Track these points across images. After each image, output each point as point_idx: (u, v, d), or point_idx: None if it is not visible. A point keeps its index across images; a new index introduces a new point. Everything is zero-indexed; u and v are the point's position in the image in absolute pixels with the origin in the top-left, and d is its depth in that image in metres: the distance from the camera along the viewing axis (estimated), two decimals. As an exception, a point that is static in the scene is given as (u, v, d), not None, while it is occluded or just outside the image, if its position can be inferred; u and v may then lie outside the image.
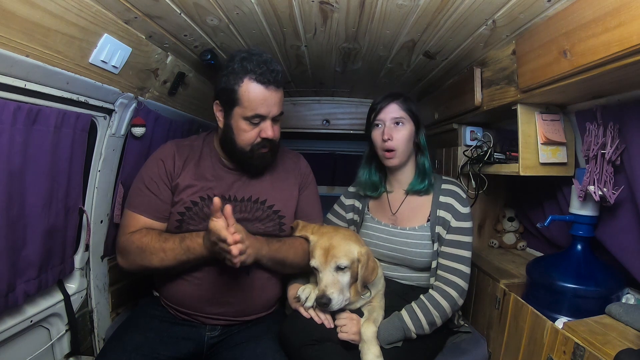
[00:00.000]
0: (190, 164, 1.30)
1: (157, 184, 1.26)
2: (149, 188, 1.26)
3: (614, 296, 1.24)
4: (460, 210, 1.35)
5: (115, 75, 1.28)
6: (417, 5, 1.12)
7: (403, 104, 1.40)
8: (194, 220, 1.25)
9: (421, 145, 1.44)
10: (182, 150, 1.32)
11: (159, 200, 1.26)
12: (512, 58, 1.33)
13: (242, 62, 1.19)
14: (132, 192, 1.29)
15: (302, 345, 1.15)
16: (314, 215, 1.45)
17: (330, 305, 1.18)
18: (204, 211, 1.25)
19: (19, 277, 1.12)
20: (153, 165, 1.29)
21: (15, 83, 0.97)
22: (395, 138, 1.37)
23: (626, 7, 0.82)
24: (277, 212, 1.33)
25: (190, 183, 1.27)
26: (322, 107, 2.64)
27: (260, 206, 1.31)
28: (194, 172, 1.29)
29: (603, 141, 1.23)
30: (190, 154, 1.32)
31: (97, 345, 1.52)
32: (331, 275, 1.21)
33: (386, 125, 1.39)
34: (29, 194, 1.12)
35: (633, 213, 1.21)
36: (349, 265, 1.22)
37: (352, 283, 1.25)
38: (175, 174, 1.28)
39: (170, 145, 1.33)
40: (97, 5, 1.07)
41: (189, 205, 1.25)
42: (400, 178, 1.47)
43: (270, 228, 1.32)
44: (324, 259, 1.22)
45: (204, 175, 1.30)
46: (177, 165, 1.29)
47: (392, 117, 1.39)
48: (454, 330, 1.45)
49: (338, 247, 1.23)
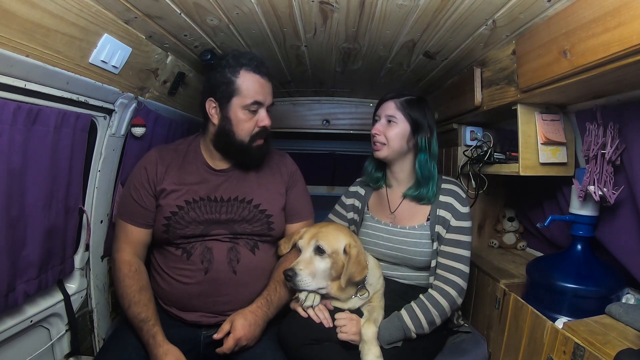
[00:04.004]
0: (174, 169, 1.33)
1: (140, 191, 1.31)
2: (133, 196, 1.31)
3: (614, 296, 1.24)
4: (460, 210, 1.35)
5: (115, 75, 1.28)
6: (417, 5, 1.12)
7: (401, 104, 1.40)
8: (180, 224, 1.27)
9: (419, 146, 1.39)
10: (164, 156, 1.35)
11: (142, 208, 1.31)
12: (512, 58, 1.33)
13: (235, 57, 1.29)
14: (121, 200, 1.37)
15: (301, 345, 1.15)
16: (304, 213, 1.46)
17: (294, 281, 1.20)
18: (189, 215, 1.28)
19: (19, 277, 1.12)
20: (137, 173, 1.34)
21: (15, 83, 0.97)
22: (385, 134, 1.39)
23: (626, 7, 0.82)
24: (263, 211, 1.35)
25: (174, 188, 1.30)
26: (322, 107, 2.64)
27: (247, 205, 1.33)
28: (177, 176, 1.32)
29: (603, 141, 1.23)
30: (174, 159, 1.35)
31: (97, 345, 1.51)
32: (308, 255, 1.24)
33: (379, 122, 1.43)
34: (29, 194, 1.11)
35: (633, 213, 1.21)
36: (329, 251, 1.23)
37: (333, 275, 1.25)
38: (158, 180, 1.31)
39: (154, 152, 1.37)
40: (97, 5, 1.06)
41: (175, 209, 1.28)
42: (398, 176, 1.47)
43: (258, 228, 1.34)
44: (307, 240, 1.26)
45: (188, 179, 1.33)
46: (159, 171, 1.32)
47: (387, 114, 1.41)
48: (454, 330, 1.45)
49: (324, 233, 1.27)
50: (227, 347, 1.15)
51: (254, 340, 1.20)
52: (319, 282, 1.22)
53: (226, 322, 1.19)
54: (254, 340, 1.19)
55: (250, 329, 1.17)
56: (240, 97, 1.27)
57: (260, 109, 1.30)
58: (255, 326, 1.19)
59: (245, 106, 1.27)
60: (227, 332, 1.16)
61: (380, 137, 1.41)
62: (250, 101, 1.27)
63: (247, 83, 1.27)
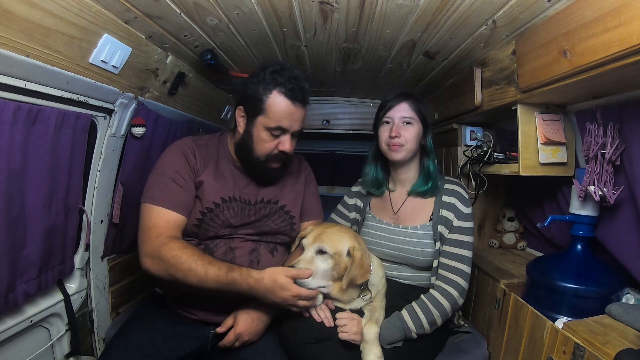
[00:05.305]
0: (211, 163, 1.30)
1: (182, 177, 1.23)
2: (175, 181, 1.22)
3: (614, 296, 1.24)
4: (463, 210, 1.35)
5: (115, 75, 1.28)
6: (417, 5, 1.12)
7: (414, 104, 1.41)
8: (214, 222, 1.25)
9: (427, 147, 1.44)
10: (200, 148, 1.32)
11: (186, 193, 1.23)
12: (512, 58, 1.33)
13: (274, 74, 1.21)
14: (155, 187, 1.22)
15: (302, 344, 1.15)
16: (315, 212, 1.49)
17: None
18: (224, 214, 1.26)
19: (19, 277, 1.12)
20: (176, 158, 1.26)
21: (15, 83, 0.97)
22: (404, 135, 1.38)
23: (626, 7, 0.82)
24: (288, 212, 1.37)
25: (212, 182, 1.27)
26: (322, 107, 2.64)
27: (274, 206, 1.35)
28: (215, 171, 1.29)
29: (603, 141, 1.23)
30: (209, 153, 1.32)
31: (97, 345, 1.52)
32: (310, 255, 1.23)
33: (395, 123, 1.40)
34: (29, 194, 1.12)
35: (633, 213, 1.21)
36: (331, 253, 1.23)
37: (334, 276, 1.24)
38: (198, 170, 1.27)
39: (190, 141, 1.32)
40: (97, 5, 1.07)
41: (211, 206, 1.25)
42: (403, 177, 1.47)
43: (281, 225, 1.35)
44: (311, 240, 1.26)
45: (223, 175, 1.30)
46: (198, 161, 1.28)
47: (402, 115, 1.40)
48: (454, 330, 1.45)
49: (328, 234, 1.26)
50: (227, 340, 1.15)
51: (257, 336, 1.20)
52: (319, 281, 1.22)
53: (230, 317, 1.19)
54: (256, 335, 1.19)
55: (252, 324, 1.17)
56: (265, 118, 1.21)
57: (284, 134, 1.25)
58: (258, 321, 1.19)
59: (269, 128, 1.22)
60: (230, 327, 1.16)
61: (400, 138, 1.38)
62: (274, 125, 1.21)
63: (276, 106, 1.20)
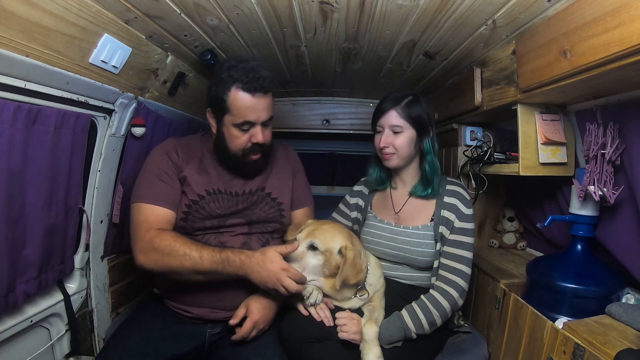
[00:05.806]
0: (194, 160, 1.34)
1: (167, 174, 1.28)
2: (161, 178, 1.27)
3: (614, 296, 1.24)
4: (464, 212, 1.35)
5: (115, 75, 1.28)
6: (417, 5, 1.12)
7: (403, 111, 1.37)
8: (200, 214, 1.27)
9: (424, 150, 1.40)
10: (183, 146, 1.36)
11: (173, 189, 1.27)
12: (512, 58, 1.33)
13: (229, 70, 1.21)
14: (142, 186, 1.27)
15: (302, 343, 1.15)
16: (305, 200, 1.51)
17: None
18: (209, 206, 1.28)
19: (19, 277, 1.12)
20: (160, 158, 1.31)
21: (15, 83, 0.97)
22: (393, 144, 1.38)
23: (626, 7, 0.82)
24: (275, 199, 1.39)
25: (196, 176, 1.31)
26: (322, 107, 2.64)
27: (261, 193, 1.37)
28: (198, 167, 1.33)
29: (603, 141, 1.23)
30: (191, 151, 1.36)
31: (97, 345, 1.52)
32: (301, 249, 1.24)
33: (384, 133, 1.39)
34: (29, 194, 1.11)
35: (633, 213, 1.21)
36: (322, 249, 1.24)
37: (325, 272, 1.25)
38: (181, 167, 1.31)
39: (173, 141, 1.37)
40: (97, 5, 1.06)
41: (195, 198, 1.28)
42: (404, 178, 1.47)
43: (269, 212, 1.37)
44: (304, 235, 1.28)
45: (207, 171, 1.34)
46: (181, 157, 1.32)
47: (391, 124, 1.38)
48: (454, 330, 1.45)
49: (322, 231, 1.28)
50: (245, 331, 1.15)
51: (269, 323, 1.22)
52: (309, 275, 1.23)
53: (241, 307, 1.20)
54: (269, 323, 1.22)
55: (265, 312, 1.20)
56: (231, 116, 1.23)
57: (253, 127, 1.26)
58: (270, 308, 1.22)
59: (236, 125, 1.24)
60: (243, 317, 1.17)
61: (389, 148, 1.38)
62: (241, 121, 1.23)
63: (237, 102, 1.21)
